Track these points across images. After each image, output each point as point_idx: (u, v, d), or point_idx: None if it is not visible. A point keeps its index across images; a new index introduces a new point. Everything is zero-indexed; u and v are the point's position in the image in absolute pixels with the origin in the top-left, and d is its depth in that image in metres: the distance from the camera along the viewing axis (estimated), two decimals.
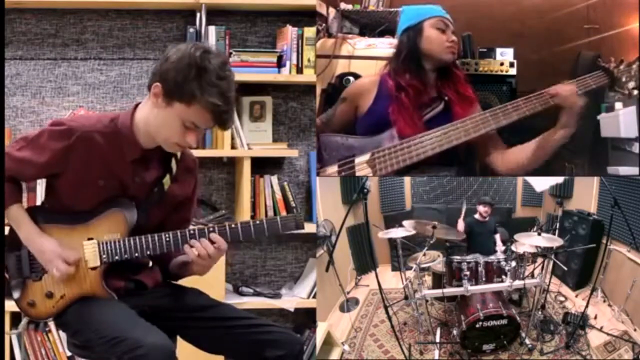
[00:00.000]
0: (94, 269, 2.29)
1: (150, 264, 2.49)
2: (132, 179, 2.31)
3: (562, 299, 4.08)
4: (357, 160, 2.70)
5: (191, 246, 2.26)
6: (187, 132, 2.21)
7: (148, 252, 2.29)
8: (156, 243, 2.28)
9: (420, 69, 2.70)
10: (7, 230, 2.38)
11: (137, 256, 2.29)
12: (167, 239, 2.28)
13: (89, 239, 2.29)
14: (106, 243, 2.28)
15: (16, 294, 2.34)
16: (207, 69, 2.16)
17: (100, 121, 2.29)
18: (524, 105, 2.62)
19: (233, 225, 2.28)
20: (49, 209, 2.36)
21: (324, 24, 3.31)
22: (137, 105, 2.32)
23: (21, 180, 2.34)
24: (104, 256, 2.28)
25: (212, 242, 2.26)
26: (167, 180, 2.36)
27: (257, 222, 2.28)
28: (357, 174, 2.71)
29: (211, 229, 2.29)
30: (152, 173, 2.35)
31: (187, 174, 2.43)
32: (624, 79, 2.63)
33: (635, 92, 2.65)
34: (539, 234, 3.52)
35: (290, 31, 3.84)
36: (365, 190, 3.36)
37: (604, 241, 3.91)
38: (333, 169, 2.77)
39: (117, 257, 2.28)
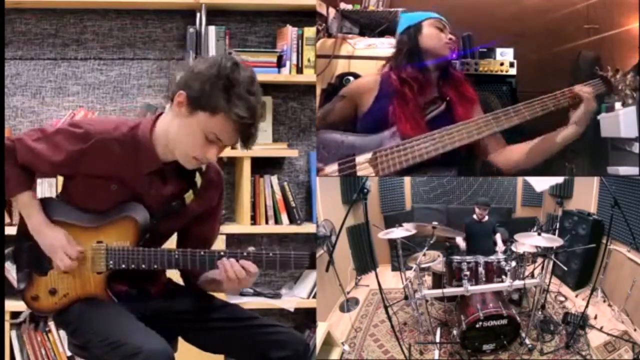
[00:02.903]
0: (99, 273, 2.27)
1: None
2: (147, 191, 2.26)
3: (562, 299, 4.08)
4: (358, 159, 2.70)
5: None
6: (208, 146, 2.15)
7: (155, 266, 2.25)
8: (165, 259, 2.24)
9: (422, 66, 2.72)
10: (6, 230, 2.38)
11: (144, 268, 2.25)
12: (176, 257, 2.24)
13: (98, 242, 2.27)
14: (115, 250, 2.25)
15: (21, 285, 2.32)
16: (236, 80, 2.10)
17: (119, 129, 2.20)
18: (524, 110, 2.65)
19: (245, 253, 2.22)
20: (63, 202, 2.32)
21: (324, 24, 3.31)
22: (158, 116, 2.27)
23: (34, 171, 2.28)
24: (111, 262, 2.25)
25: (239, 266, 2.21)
26: (189, 194, 2.30)
27: (271, 254, 2.22)
28: (359, 173, 2.71)
29: (222, 253, 2.23)
30: (170, 187, 2.29)
31: (210, 187, 2.36)
32: (620, 87, 2.71)
33: (630, 100, 2.72)
34: (539, 234, 3.52)
35: (290, 31, 3.84)
36: (365, 190, 3.36)
37: (604, 241, 3.91)
38: (333, 167, 2.76)
39: (123, 266, 2.25)
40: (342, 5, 3.31)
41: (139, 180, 2.24)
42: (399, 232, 3.82)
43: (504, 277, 3.49)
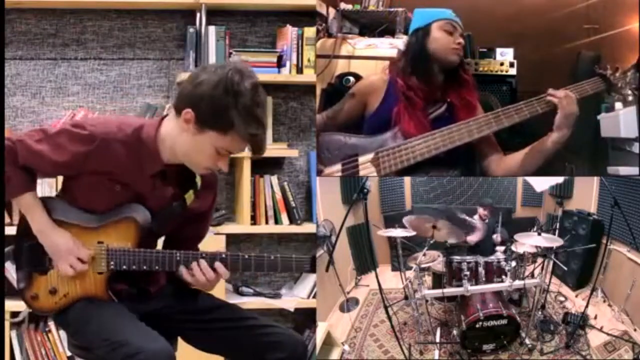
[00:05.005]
0: (100, 273, 2.27)
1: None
2: (151, 192, 2.26)
3: (562, 299, 4.08)
4: (361, 159, 2.71)
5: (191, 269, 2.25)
6: (219, 158, 2.17)
7: (157, 267, 2.26)
8: (166, 260, 2.25)
9: (428, 69, 2.73)
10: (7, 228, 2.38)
11: (145, 269, 2.26)
12: (178, 258, 2.25)
13: (99, 242, 2.26)
14: (116, 251, 2.25)
15: (21, 285, 2.31)
16: (242, 93, 2.09)
17: (122, 130, 2.19)
18: (525, 108, 2.65)
19: (247, 257, 2.26)
20: (63, 202, 2.31)
21: (324, 24, 3.31)
22: (163, 118, 2.26)
23: (36, 172, 2.27)
24: (112, 263, 2.25)
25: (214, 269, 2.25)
26: (190, 195, 2.32)
27: (272, 257, 2.27)
28: (361, 172, 2.72)
29: (223, 256, 2.26)
30: (172, 188, 2.29)
31: (208, 189, 2.38)
32: (619, 85, 2.70)
33: (630, 97, 2.72)
34: (539, 234, 3.52)
35: (290, 31, 3.84)
36: (365, 190, 3.36)
37: (604, 241, 3.91)
38: (336, 167, 2.77)
39: (124, 267, 2.25)
40: (342, 5, 3.32)
41: (142, 181, 2.24)
42: (399, 232, 3.82)
43: (504, 277, 3.49)
